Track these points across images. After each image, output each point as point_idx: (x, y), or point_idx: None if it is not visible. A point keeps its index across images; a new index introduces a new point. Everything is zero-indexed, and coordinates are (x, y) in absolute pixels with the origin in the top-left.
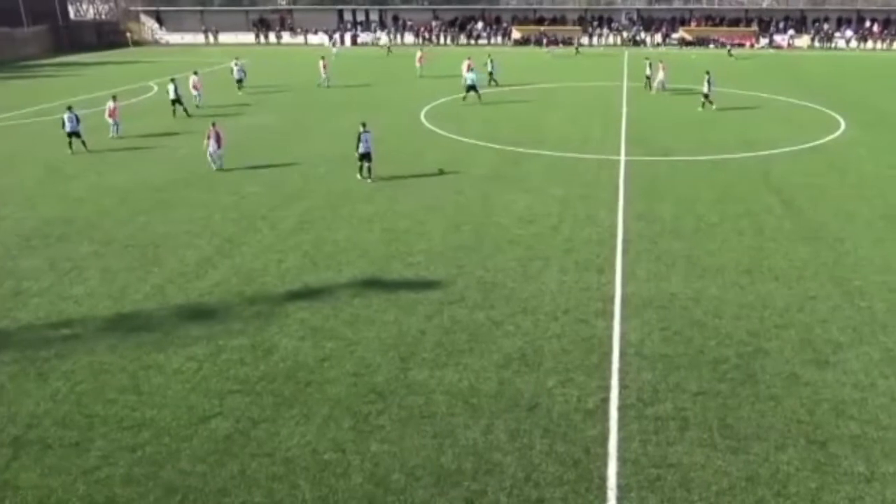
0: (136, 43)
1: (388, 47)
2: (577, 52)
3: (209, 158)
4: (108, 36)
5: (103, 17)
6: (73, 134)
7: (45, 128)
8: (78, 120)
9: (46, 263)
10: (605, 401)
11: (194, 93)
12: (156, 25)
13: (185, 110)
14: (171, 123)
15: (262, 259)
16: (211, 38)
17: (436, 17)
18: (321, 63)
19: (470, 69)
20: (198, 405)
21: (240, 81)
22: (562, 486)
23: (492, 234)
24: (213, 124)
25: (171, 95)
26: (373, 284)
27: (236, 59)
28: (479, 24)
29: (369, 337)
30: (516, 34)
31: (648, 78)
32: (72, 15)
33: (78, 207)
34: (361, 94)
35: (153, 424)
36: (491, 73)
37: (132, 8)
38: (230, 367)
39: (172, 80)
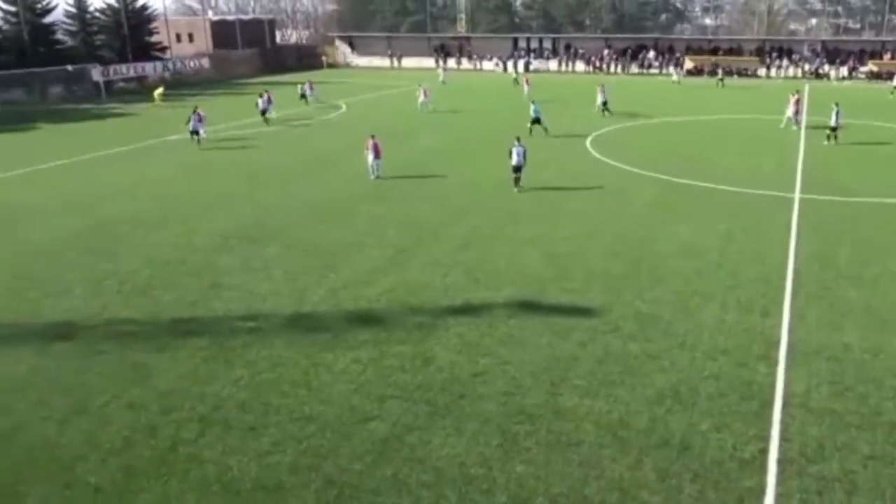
0: (330, 65)
1: (515, 78)
2: (721, 84)
3: (369, 168)
4: (306, 58)
5: (304, 41)
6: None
7: (249, 139)
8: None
9: (240, 261)
10: (764, 452)
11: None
12: (348, 50)
13: (544, 128)
14: (354, 140)
15: (427, 272)
16: (395, 63)
17: (608, 46)
18: (421, 90)
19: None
20: (359, 406)
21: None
22: None
23: (651, 265)
24: (373, 136)
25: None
26: (529, 306)
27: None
28: (651, 54)
29: (522, 358)
30: (689, 64)
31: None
32: (278, 40)
33: (269, 213)
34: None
35: (319, 419)
36: (605, 103)
37: (329, 34)
38: (391, 373)
39: (533, 102)
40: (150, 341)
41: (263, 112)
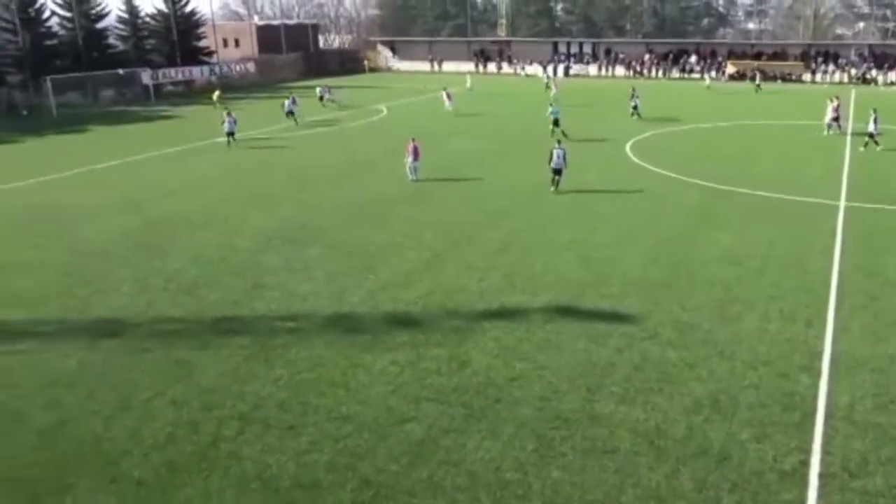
0: (372, 69)
1: (547, 83)
2: (758, 88)
3: (407, 170)
4: (348, 63)
5: (346, 46)
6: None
7: (292, 142)
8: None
9: (282, 262)
10: (805, 464)
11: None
12: (389, 54)
13: (563, 132)
14: (394, 143)
15: (464, 276)
16: (436, 67)
17: (649, 51)
18: (444, 94)
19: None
20: (396, 407)
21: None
22: None
23: (691, 272)
24: (413, 139)
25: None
26: (566, 311)
27: (551, 104)
28: (693, 58)
29: (559, 363)
30: (731, 69)
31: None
32: (321, 44)
33: (311, 214)
34: (569, 123)
35: (356, 419)
36: (635, 107)
37: (371, 38)
38: (427, 376)
39: (551, 104)
40: (193, 339)
41: (290, 113)
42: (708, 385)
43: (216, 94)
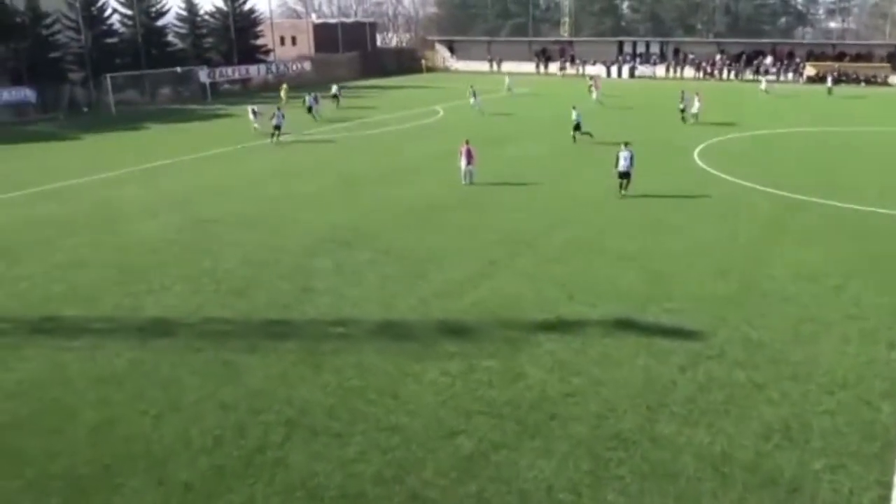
0: (429, 69)
1: (590, 86)
2: (830, 92)
3: (461, 174)
4: (405, 62)
5: (404, 45)
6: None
7: (345, 143)
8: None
9: (333, 265)
10: (885, 500)
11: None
12: (448, 53)
13: (588, 134)
14: (448, 146)
15: (519, 285)
16: (495, 67)
17: (721, 51)
18: (471, 91)
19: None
20: (446, 419)
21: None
22: None
23: (762, 288)
24: (467, 142)
25: (575, 120)
26: (626, 325)
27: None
28: (769, 59)
29: (617, 379)
30: (810, 71)
31: None
32: (378, 43)
33: (363, 217)
34: (631, 128)
35: (405, 430)
36: (683, 110)
37: (429, 38)
38: (479, 388)
39: (574, 108)
40: (242, 341)
41: (310, 109)
42: (779, 409)
43: (283, 87)
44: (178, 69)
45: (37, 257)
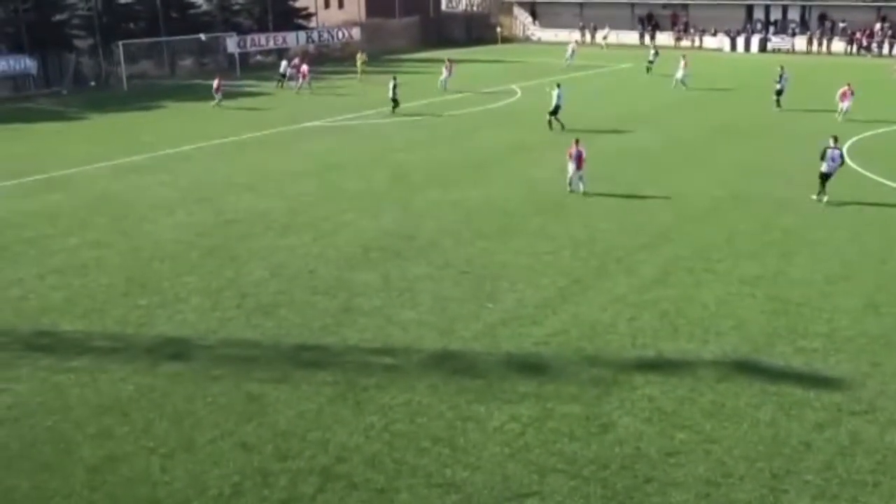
0: (505, 39)
1: (650, 62)
2: None
3: (568, 181)
4: (476, 30)
5: (474, 9)
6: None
7: (400, 130)
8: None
9: (381, 280)
10: None
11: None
12: (529, 20)
13: (559, 121)
14: (526, 135)
15: (610, 312)
16: (588, 37)
17: (882, 18)
18: (446, 65)
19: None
20: (514, 477)
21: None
22: None
23: None
24: (577, 142)
25: (554, 102)
26: (746, 368)
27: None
28: None
29: (733, 437)
30: None
31: None
32: (443, 7)
33: (419, 222)
34: (765, 116)
35: (463, 488)
36: (779, 92)
37: (506, 0)
38: (556, 439)
39: (558, 86)
40: (269, 370)
41: (283, 76)
42: None
43: (361, 58)
44: (203, 36)
45: (32, 259)
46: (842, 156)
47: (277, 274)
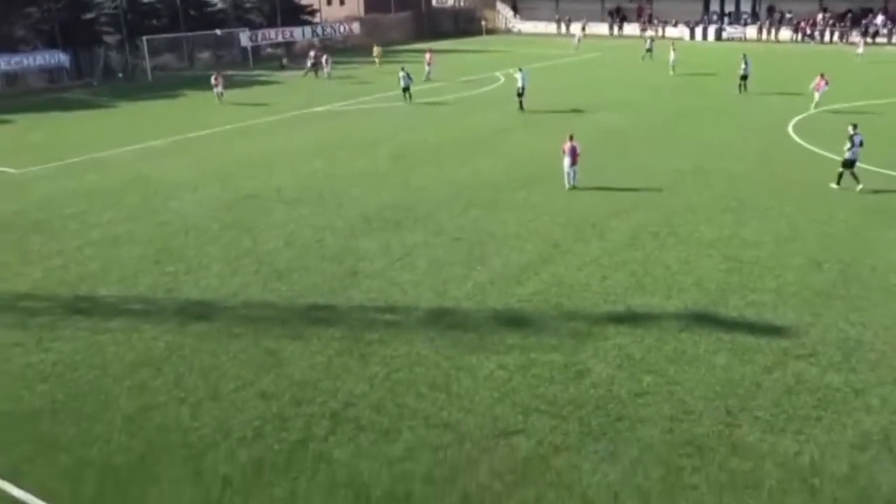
0: (489, 31)
1: (648, 49)
2: None
3: (564, 176)
4: (463, 23)
5: (462, 4)
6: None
7: (397, 114)
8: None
9: (381, 247)
10: None
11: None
12: (510, 13)
13: (521, 103)
14: (509, 119)
15: (585, 272)
16: (563, 29)
17: (824, 9)
18: (427, 57)
19: (820, 86)
20: (502, 417)
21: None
22: None
23: (863, 280)
24: (571, 137)
25: (519, 83)
26: (704, 319)
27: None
28: (879, 19)
29: (693, 379)
30: None
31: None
32: (434, 2)
33: (416, 196)
34: (718, 98)
35: (458, 428)
36: (744, 77)
37: None
38: (539, 384)
39: (521, 70)
40: (284, 328)
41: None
42: (879, 417)
43: (377, 50)
44: (218, 31)
45: (72, 233)
46: (862, 142)
47: (290, 243)
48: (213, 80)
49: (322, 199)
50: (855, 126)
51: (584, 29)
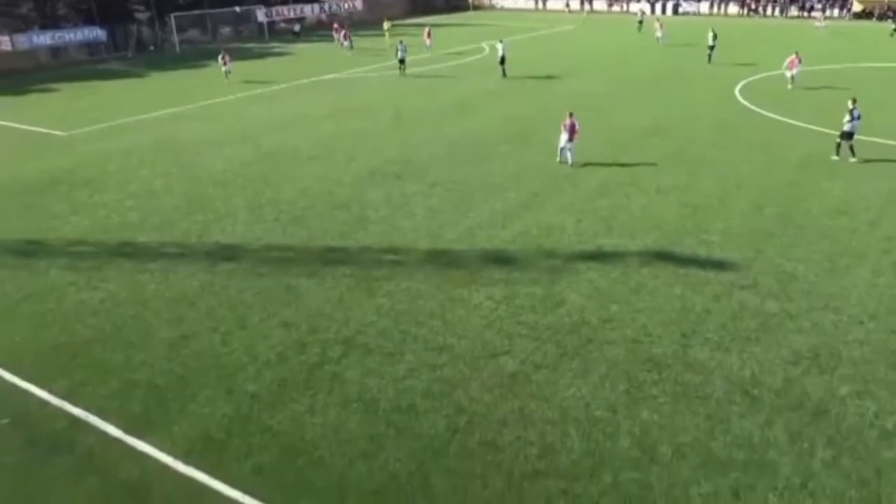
0: (476, 7)
1: (640, 21)
2: (895, 33)
3: (559, 152)
4: (452, 0)
5: None
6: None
7: (397, 82)
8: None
9: (385, 197)
10: None
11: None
12: None
13: (504, 71)
14: (493, 84)
15: (561, 217)
16: (539, 5)
17: None
18: (426, 32)
19: (794, 64)
20: (490, 341)
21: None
22: (842, 503)
23: (797, 222)
24: (570, 114)
25: (500, 53)
26: (663, 256)
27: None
28: None
29: (652, 307)
30: (857, 6)
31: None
32: None
33: (413, 152)
34: (676, 64)
35: (452, 350)
36: (712, 48)
37: None
38: (521, 312)
39: (501, 41)
40: (302, 267)
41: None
42: (809, 338)
43: (387, 24)
44: (237, 8)
45: (114, 187)
46: (860, 114)
47: (305, 194)
48: (220, 59)
49: (333, 156)
50: (854, 100)
51: (568, 5)
